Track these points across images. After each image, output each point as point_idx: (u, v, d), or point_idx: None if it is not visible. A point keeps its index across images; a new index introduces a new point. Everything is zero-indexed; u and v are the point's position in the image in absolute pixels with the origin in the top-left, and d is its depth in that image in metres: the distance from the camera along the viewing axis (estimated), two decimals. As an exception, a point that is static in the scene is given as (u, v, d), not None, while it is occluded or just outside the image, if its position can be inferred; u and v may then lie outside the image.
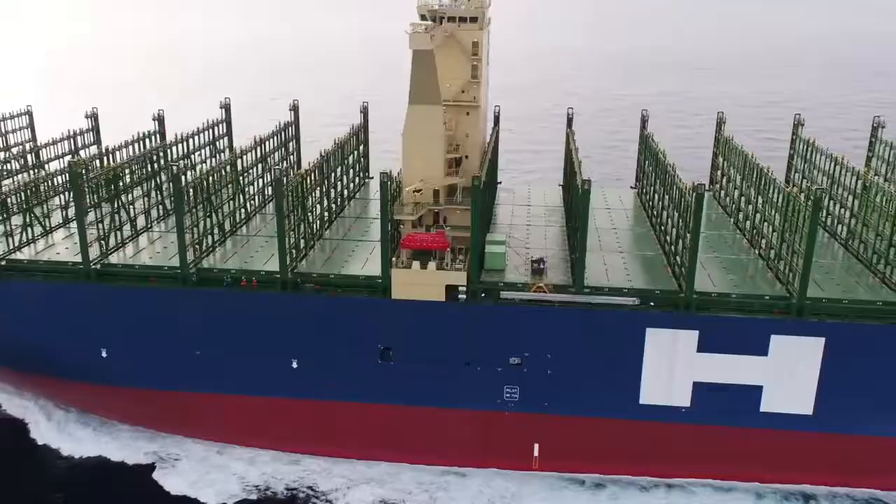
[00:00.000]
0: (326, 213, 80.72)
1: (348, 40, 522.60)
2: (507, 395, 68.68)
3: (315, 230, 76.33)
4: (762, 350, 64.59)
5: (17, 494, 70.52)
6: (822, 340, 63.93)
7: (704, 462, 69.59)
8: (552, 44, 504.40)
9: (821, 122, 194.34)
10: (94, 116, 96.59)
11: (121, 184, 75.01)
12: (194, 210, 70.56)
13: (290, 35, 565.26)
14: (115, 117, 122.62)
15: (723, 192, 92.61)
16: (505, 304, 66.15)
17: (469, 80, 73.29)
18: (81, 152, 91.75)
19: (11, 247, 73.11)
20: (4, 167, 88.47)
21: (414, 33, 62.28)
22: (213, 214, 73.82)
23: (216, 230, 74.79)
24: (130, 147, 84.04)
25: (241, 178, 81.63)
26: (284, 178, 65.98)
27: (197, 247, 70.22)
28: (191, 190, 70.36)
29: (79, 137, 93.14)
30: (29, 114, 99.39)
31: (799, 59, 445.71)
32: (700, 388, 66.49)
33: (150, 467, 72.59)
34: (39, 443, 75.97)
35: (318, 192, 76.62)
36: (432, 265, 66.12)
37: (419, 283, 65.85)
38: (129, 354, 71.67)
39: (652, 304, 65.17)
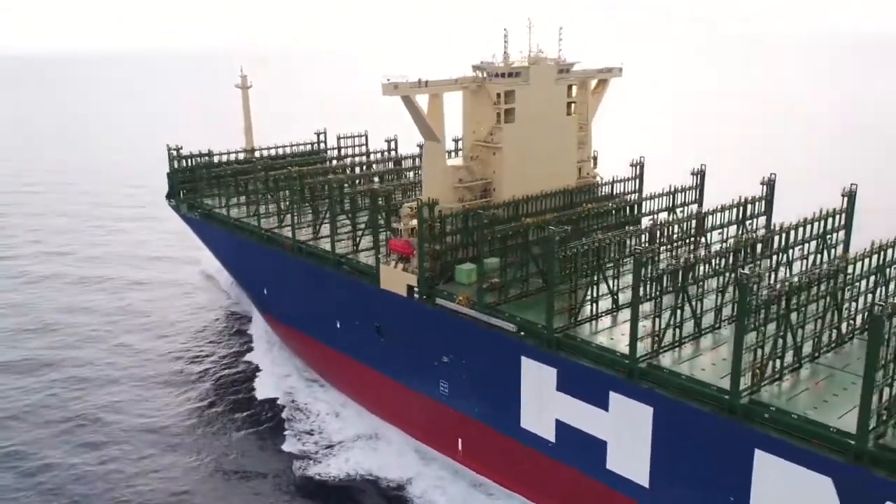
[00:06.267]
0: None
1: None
2: (441, 388, 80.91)
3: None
4: (603, 404, 64.34)
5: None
6: (650, 410, 60.87)
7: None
8: None
9: None
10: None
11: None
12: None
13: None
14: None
15: None
16: (438, 308, 79.02)
17: (495, 125, 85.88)
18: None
19: (247, 213, 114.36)
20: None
21: (384, 83, 79.79)
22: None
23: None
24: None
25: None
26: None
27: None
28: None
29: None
30: (365, 135, 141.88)
31: None
32: (562, 427, 68.72)
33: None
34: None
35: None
36: (400, 266, 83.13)
37: (392, 279, 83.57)
38: (271, 295, 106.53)
39: (522, 333, 70.47)
